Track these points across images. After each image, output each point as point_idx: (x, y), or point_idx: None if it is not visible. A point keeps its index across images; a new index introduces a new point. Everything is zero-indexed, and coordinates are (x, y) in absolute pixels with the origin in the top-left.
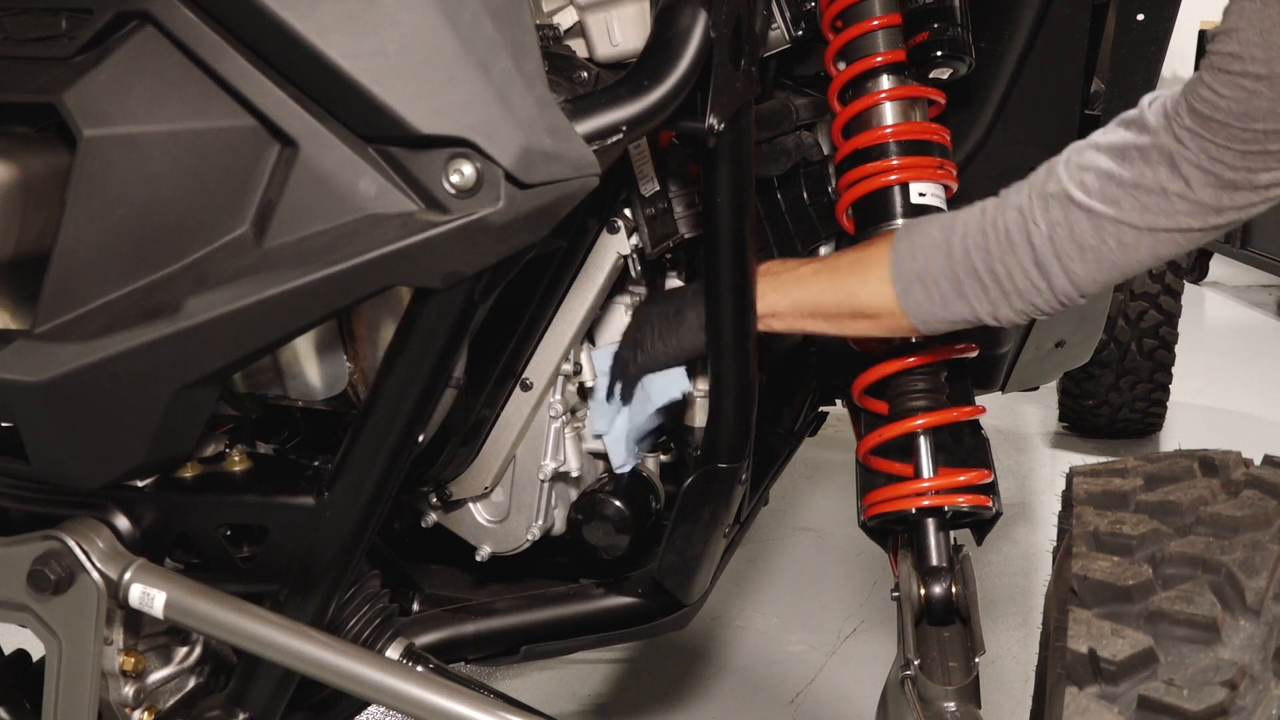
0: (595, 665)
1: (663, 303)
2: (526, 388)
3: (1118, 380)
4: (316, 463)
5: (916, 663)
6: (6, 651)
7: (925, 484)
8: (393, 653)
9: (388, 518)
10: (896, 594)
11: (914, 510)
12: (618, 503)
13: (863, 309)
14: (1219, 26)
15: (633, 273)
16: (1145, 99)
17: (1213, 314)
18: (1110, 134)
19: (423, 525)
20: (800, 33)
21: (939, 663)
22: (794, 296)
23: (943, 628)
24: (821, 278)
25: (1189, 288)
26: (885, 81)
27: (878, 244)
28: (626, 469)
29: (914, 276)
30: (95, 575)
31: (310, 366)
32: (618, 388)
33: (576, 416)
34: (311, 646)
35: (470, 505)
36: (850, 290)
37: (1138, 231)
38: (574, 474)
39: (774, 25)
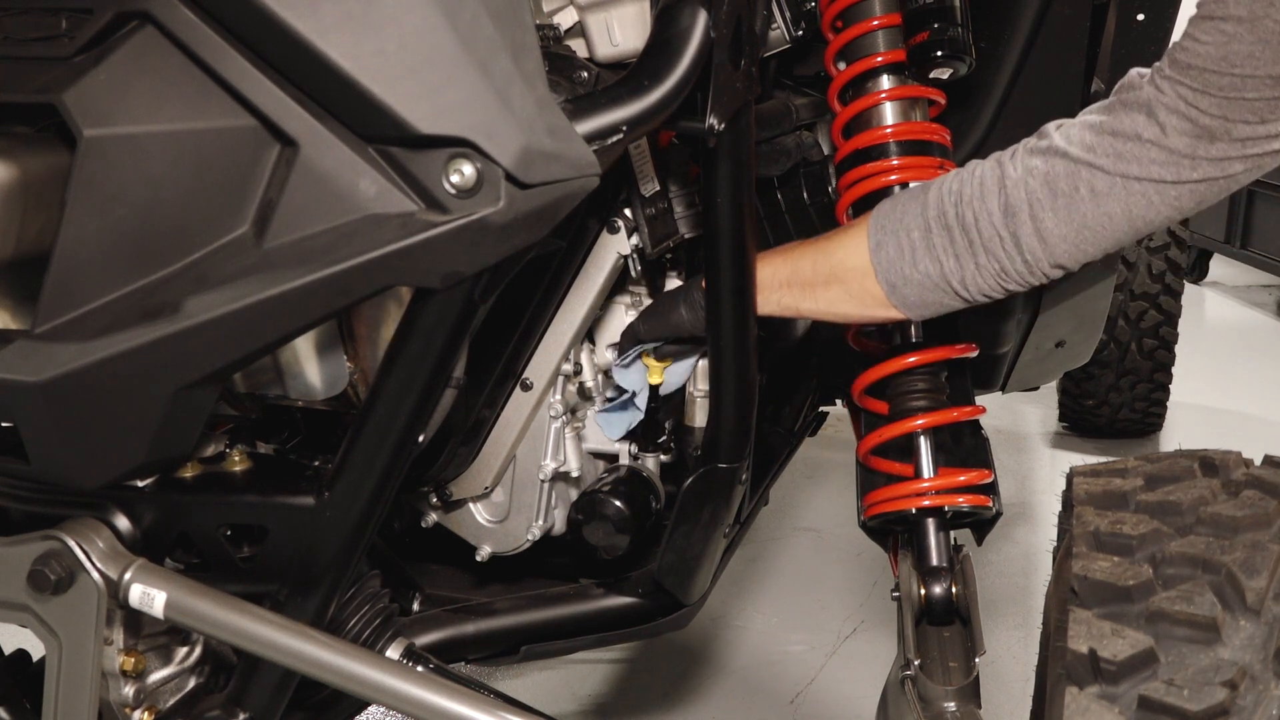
0: (595, 665)
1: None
2: (526, 388)
3: (1118, 380)
4: (316, 463)
5: (917, 663)
6: (6, 651)
7: (925, 484)
8: (393, 653)
9: (388, 518)
10: (896, 594)
11: (914, 510)
12: (618, 503)
13: (836, 271)
14: None
15: (633, 273)
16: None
17: (1213, 314)
18: (1106, 99)
19: (423, 525)
20: (800, 33)
21: (939, 663)
22: (774, 266)
23: (943, 628)
24: (805, 246)
25: (1189, 288)
26: (885, 81)
27: (870, 212)
28: (615, 437)
29: (889, 229)
30: (95, 575)
31: (310, 366)
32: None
33: (576, 416)
34: (311, 646)
35: (470, 505)
36: (829, 252)
37: (1110, 178)
38: (574, 474)
39: (774, 25)
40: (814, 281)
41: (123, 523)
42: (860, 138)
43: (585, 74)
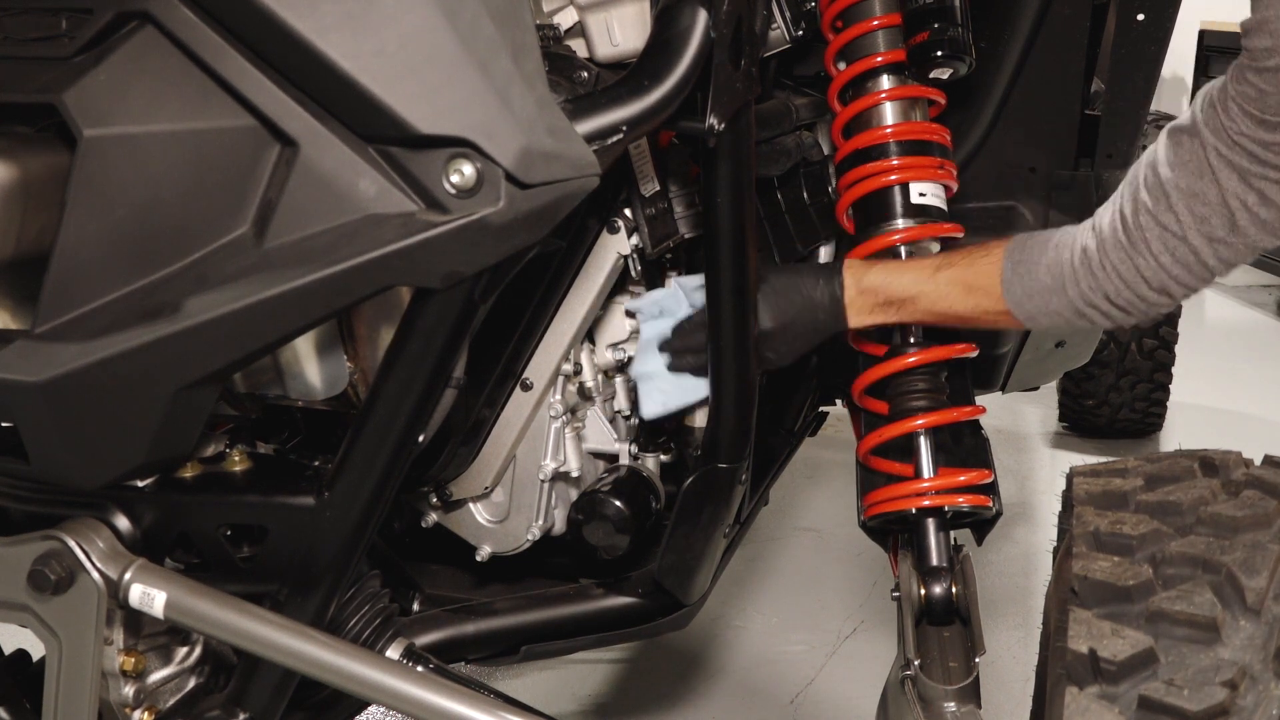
0: (595, 665)
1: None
2: (526, 388)
3: (1118, 380)
4: (316, 463)
5: (916, 663)
6: (6, 651)
7: (925, 484)
8: (393, 653)
9: (388, 518)
10: (896, 594)
11: (914, 510)
12: (618, 503)
13: (992, 321)
14: (1249, 21)
15: (633, 273)
16: (1198, 105)
17: (1213, 314)
18: (1174, 146)
19: (423, 525)
20: (800, 33)
21: (939, 663)
22: (930, 298)
23: (943, 628)
24: (956, 291)
25: None
26: (885, 81)
27: (989, 273)
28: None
29: (1036, 314)
30: (95, 575)
31: (310, 366)
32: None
33: (576, 416)
34: (311, 646)
35: (470, 505)
36: (979, 310)
37: (1234, 247)
38: (574, 474)
39: (774, 25)
40: (966, 319)
41: (123, 523)
42: (860, 138)
43: (585, 74)
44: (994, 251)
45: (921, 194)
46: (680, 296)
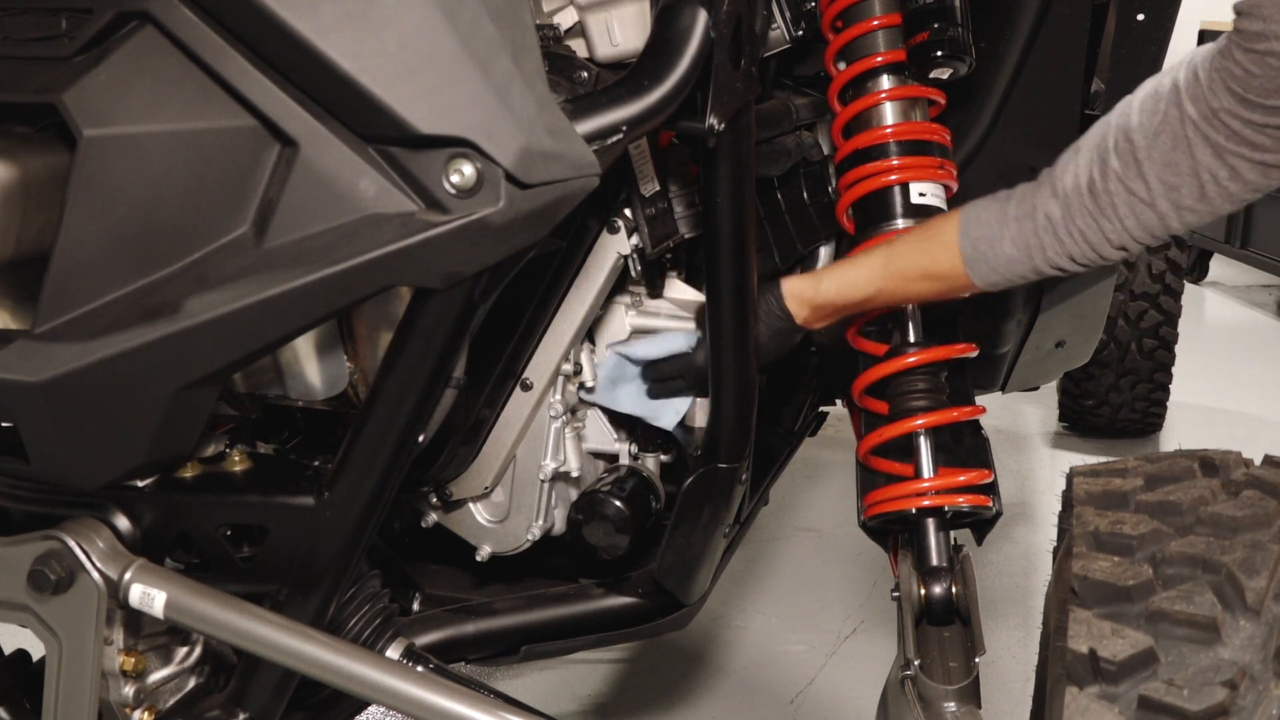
0: (595, 665)
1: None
2: (526, 388)
3: (1118, 380)
4: (316, 463)
5: (916, 663)
6: (6, 651)
7: (925, 484)
8: (393, 653)
9: (388, 518)
10: (896, 594)
11: (914, 510)
12: (618, 503)
13: (951, 296)
14: (1242, 3)
15: (633, 273)
16: (1182, 74)
17: (1213, 314)
18: (1150, 113)
19: (423, 525)
20: (800, 33)
21: (939, 663)
22: (889, 293)
23: (943, 628)
24: (914, 280)
25: (1189, 288)
26: (885, 81)
27: (947, 257)
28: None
29: (1000, 283)
30: (95, 575)
31: (310, 366)
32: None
33: (576, 416)
34: (311, 646)
35: (470, 505)
36: (939, 291)
37: (1198, 214)
38: (574, 474)
39: (774, 25)
40: (916, 280)
41: (123, 523)
42: (860, 138)
43: (585, 74)
44: (944, 231)
45: (922, 194)
46: (624, 365)
